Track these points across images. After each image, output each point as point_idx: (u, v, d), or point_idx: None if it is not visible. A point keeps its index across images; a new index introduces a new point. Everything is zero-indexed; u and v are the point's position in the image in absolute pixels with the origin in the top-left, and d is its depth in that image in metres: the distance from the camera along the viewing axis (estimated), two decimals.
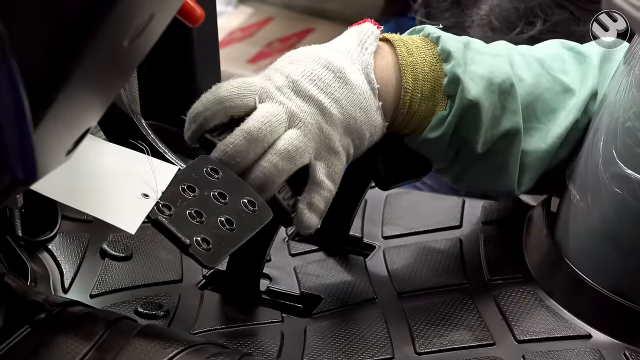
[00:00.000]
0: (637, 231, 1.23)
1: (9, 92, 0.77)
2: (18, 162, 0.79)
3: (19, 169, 0.80)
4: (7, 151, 0.79)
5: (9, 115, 0.78)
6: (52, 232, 1.37)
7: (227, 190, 1.22)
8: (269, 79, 1.24)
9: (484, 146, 1.30)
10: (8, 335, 1.12)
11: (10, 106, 0.77)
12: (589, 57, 1.42)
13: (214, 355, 1.09)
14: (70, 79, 0.87)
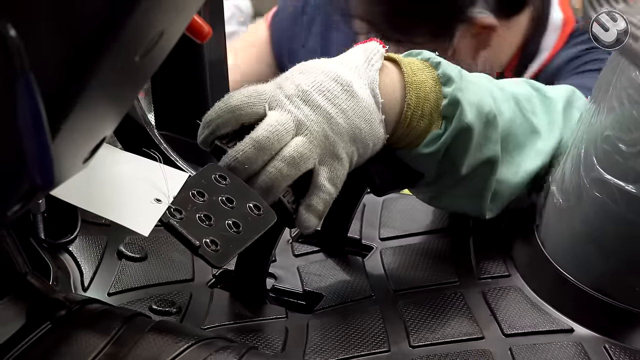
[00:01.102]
0: (617, 233, 1.22)
1: (27, 104, 0.77)
2: (37, 170, 0.79)
3: (38, 176, 0.80)
4: (26, 160, 0.79)
5: (27, 127, 0.77)
6: (72, 235, 1.37)
7: (234, 195, 1.21)
8: (279, 87, 1.24)
9: (467, 169, 1.31)
10: (31, 330, 1.13)
11: (28, 118, 0.77)
12: (554, 102, 1.46)
13: (222, 348, 1.09)
14: (86, 91, 0.87)
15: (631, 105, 1.18)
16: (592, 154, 1.24)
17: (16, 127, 0.78)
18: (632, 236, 1.20)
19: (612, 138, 1.21)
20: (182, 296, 1.31)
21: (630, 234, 1.20)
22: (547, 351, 1.20)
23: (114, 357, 1.08)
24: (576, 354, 1.19)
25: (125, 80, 0.98)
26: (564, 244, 1.30)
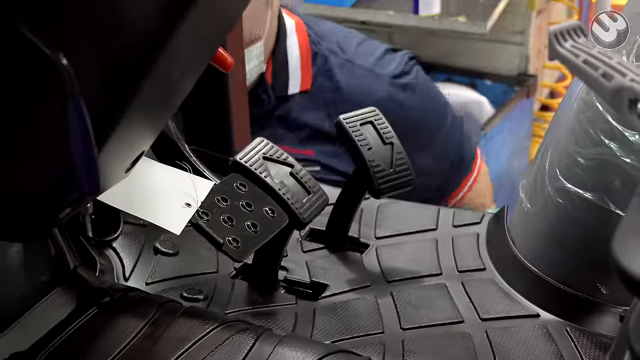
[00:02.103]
0: (578, 234, 1.22)
1: (77, 123, 0.76)
2: (85, 180, 0.79)
3: (86, 185, 0.80)
4: (76, 171, 0.79)
5: (77, 143, 0.77)
6: (115, 234, 1.37)
7: (253, 201, 1.21)
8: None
9: None
10: (80, 314, 1.13)
11: (78, 135, 0.77)
12: None
13: (242, 330, 1.10)
14: (126, 112, 0.87)
15: (588, 125, 1.18)
16: (555, 166, 1.23)
17: (67, 143, 0.78)
18: (590, 237, 1.19)
19: (572, 153, 1.20)
20: (208, 286, 1.31)
21: (589, 236, 1.20)
22: (517, 333, 1.19)
23: (150, 337, 1.09)
24: (542, 335, 1.18)
25: (160, 103, 0.98)
26: (531, 243, 1.30)
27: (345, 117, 1.36)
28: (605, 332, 1.18)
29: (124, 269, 1.33)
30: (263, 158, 1.28)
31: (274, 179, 1.26)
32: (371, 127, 1.37)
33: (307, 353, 1.05)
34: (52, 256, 1.17)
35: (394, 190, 1.36)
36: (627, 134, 1.14)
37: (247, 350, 1.06)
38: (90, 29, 0.79)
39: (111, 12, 0.79)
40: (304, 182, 1.29)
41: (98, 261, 1.29)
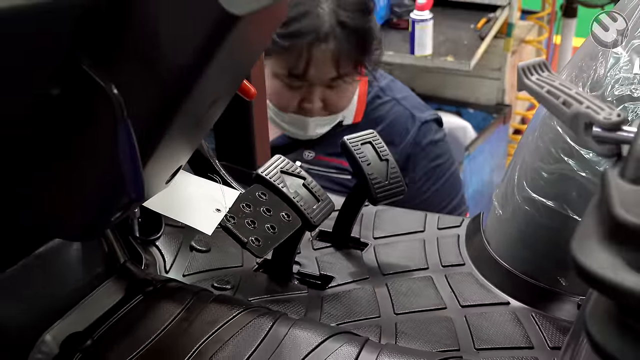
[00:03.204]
0: (541, 237, 1.22)
1: (125, 143, 0.77)
2: (132, 189, 0.80)
3: (133, 193, 0.80)
4: (125, 182, 0.79)
5: (126, 158, 0.78)
6: (158, 234, 1.37)
7: (272, 207, 1.21)
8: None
9: None
10: (128, 301, 1.14)
11: (126, 152, 0.77)
12: None
13: (263, 314, 1.10)
14: (167, 133, 0.87)
15: (550, 144, 1.18)
16: (523, 179, 1.23)
17: (117, 159, 0.78)
18: (552, 238, 1.19)
19: (537, 168, 1.20)
20: (235, 277, 1.30)
21: (551, 237, 1.19)
22: (491, 318, 1.19)
23: (186, 319, 1.09)
24: (511, 320, 1.18)
25: (196, 126, 0.98)
26: (503, 243, 1.29)
27: (348, 138, 1.36)
28: (565, 318, 1.17)
29: (164, 263, 1.33)
30: (280, 172, 1.28)
31: (290, 189, 1.26)
32: (370, 147, 1.37)
33: (317, 333, 1.05)
34: (105, 252, 1.18)
35: (389, 198, 1.36)
36: (583, 152, 1.14)
37: (266, 330, 1.06)
38: (136, 65, 0.79)
39: (153, 51, 0.79)
40: (314, 192, 1.29)
41: (143, 257, 1.29)
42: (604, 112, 0.69)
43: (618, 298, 0.49)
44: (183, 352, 1.03)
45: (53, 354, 1.03)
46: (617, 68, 1.14)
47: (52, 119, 0.83)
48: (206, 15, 0.76)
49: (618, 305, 0.52)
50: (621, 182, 0.53)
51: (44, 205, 0.93)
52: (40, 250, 1.06)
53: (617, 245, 0.50)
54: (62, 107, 0.82)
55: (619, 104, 1.10)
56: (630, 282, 0.48)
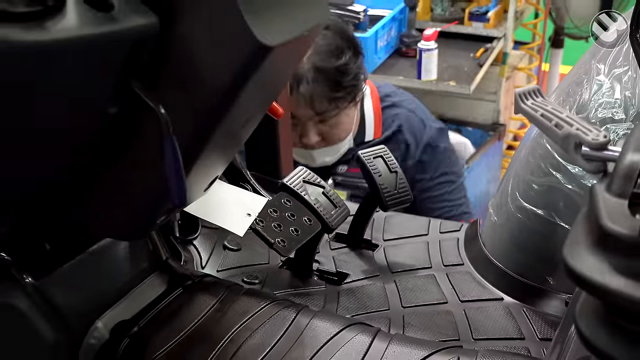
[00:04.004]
0: (532, 241, 1.21)
1: (171, 156, 0.77)
2: (176, 196, 0.80)
3: (177, 199, 0.80)
4: (170, 189, 0.79)
5: (171, 170, 0.78)
6: (195, 234, 1.37)
7: (295, 212, 1.21)
8: None
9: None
10: (169, 293, 1.13)
11: (172, 164, 0.77)
12: None
13: (287, 306, 1.09)
14: (206, 148, 0.87)
15: (540, 160, 1.18)
16: (516, 190, 1.23)
17: (164, 170, 0.78)
18: (541, 242, 1.19)
19: (528, 180, 1.20)
20: (262, 273, 1.30)
21: (540, 241, 1.19)
22: (487, 312, 1.18)
23: (220, 310, 1.09)
24: (505, 313, 1.17)
25: (230, 142, 0.98)
26: (497, 246, 1.29)
27: (362, 152, 1.36)
28: (552, 312, 1.17)
29: (201, 260, 1.33)
30: (303, 181, 1.28)
31: (311, 196, 1.26)
32: (381, 160, 1.37)
33: (334, 324, 1.05)
34: (149, 250, 1.17)
35: (397, 205, 1.36)
36: (569, 167, 1.13)
37: (290, 321, 1.06)
38: (180, 88, 0.79)
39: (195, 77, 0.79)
40: (332, 199, 1.29)
41: (182, 254, 1.29)
42: (592, 133, 0.69)
43: (605, 298, 0.49)
44: (217, 338, 1.02)
45: (104, 339, 1.03)
46: (600, 93, 1.13)
47: (109, 134, 0.84)
48: (242, 46, 0.76)
49: (605, 305, 0.51)
50: (607, 196, 0.53)
51: (99, 208, 0.93)
52: (94, 248, 1.06)
53: (604, 251, 0.50)
54: (117, 124, 0.82)
55: (602, 125, 1.09)
56: (615, 284, 0.47)
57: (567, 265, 0.51)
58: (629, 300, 0.47)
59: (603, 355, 0.50)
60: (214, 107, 0.82)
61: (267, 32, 0.76)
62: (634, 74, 1.11)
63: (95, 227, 0.97)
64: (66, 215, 0.94)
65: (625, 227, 0.49)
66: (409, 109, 2.26)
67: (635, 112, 1.08)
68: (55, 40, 0.66)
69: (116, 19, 0.71)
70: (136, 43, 0.74)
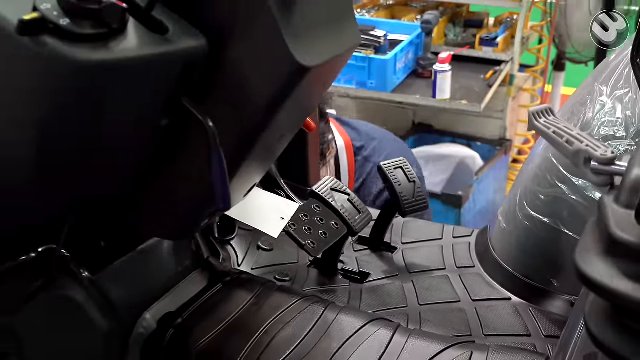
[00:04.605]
0: (538, 246, 1.20)
1: (218, 166, 0.77)
2: (221, 201, 0.80)
3: (221, 204, 0.80)
4: (215, 195, 0.79)
5: (217, 178, 0.78)
6: (233, 235, 1.37)
7: (324, 217, 1.21)
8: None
9: None
10: (210, 289, 1.13)
11: (218, 173, 0.78)
12: None
13: (315, 302, 1.09)
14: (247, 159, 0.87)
15: (546, 172, 1.17)
16: (524, 199, 1.22)
17: (210, 178, 0.79)
18: (546, 248, 1.18)
19: (535, 191, 1.19)
20: (292, 271, 1.30)
21: (545, 247, 1.18)
22: (496, 310, 1.17)
23: (256, 305, 1.09)
24: (513, 312, 1.16)
25: (268, 153, 0.99)
26: (505, 250, 1.28)
27: (384, 163, 1.36)
28: (556, 312, 1.16)
29: (237, 259, 1.33)
30: (330, 189, 1.28)
31: (337, 203, 1.26)
32: (401, 171, 1.37)
33: (359, 319, 1.05)
34: (192, 249, 1.18)
35: (415, 212, 1.36)
36: (574, 180, 1.13)
37: (319, 315, 1.06)
38: (227, 105, 0.80)
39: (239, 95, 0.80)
40: (356, 205, 1.29)
41: (221, 253, 1.29)
42: (601, 149, 0.69)
43: (614, 300, 0.49)
44: (253, 330, 1.03)
45: (152, 329, 1.04)
46: (603, 113, 1.12)
47: (161, 144, 0.84)
48: (283, 67, 0.76)
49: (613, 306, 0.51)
50: (616, 207, 0.53)
51: (150, 212, 0.94)
52: (142, 247, 1.07)
53: (613, 257, 0.49)
54: (169, 136, 0.83)
55: (604, 142, 1.09)
56: (624, 287, 0.47)
57: (579, 270, 0.50)
58: (636, 303, 0.46)
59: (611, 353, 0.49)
60: (256, 122, 0.82)
61: (306, 54, 0.76)
62: (634, 95, 1.10)
63: (146, 228, 0.98)
64: (120, 217, 0.95)
65: (632, 235, 0.49)
66: (378, 162, 2.21)
67: (636, 130, 1.07)
68: (118, 59, 0.66)
69: (171, 41, 0.71)
70: (188, 63, 0.74)
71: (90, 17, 0.64)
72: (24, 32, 0.61)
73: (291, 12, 0.75)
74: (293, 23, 0.75)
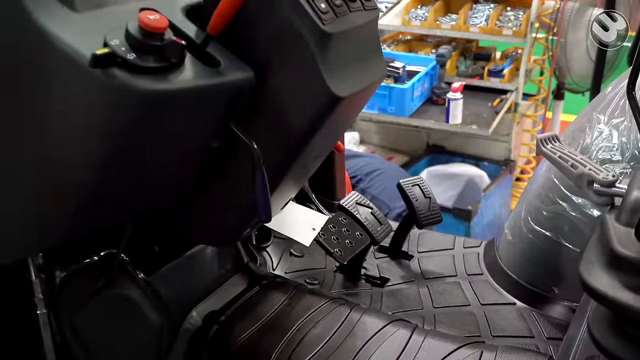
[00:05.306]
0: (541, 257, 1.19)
1: (260, 183, 0.78)
2: (263, 214, 0.80)
3: (264, 217, 0.80)
4: (258, 209, 0.79)
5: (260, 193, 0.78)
6: (268, 242, 1.37)
7: (350, 228, 1.22)
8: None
9: None
10: (249, 290, 1.13)
11: (261, 189, 0.78)
12: None
13: (342, 304, 1.09)
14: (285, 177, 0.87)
15: (548, 191, 1.16)
16: (528, 215, 1.21)
17: (254, 193, 0.79)
18: (548, 258, 1.17)
19: (539, 207, 1.18)
20: (320, 276, 1.30)
21: (547, 257, 1.17)
22: (502, 314, 1.16)
23: (289, 305, 1.09)
24: (517, 316, 1.15)
25: (303, 172, 0.99)
26: (511, 260, 1.27)
27: (403, 181, 1.36)
28: (556, 316, 1.15)
29: (272, 264, 1.33)
30: (355, 203, 1.29)
31: (362, 215, 1.26)
32: (418, 188, 1.37)
33: (380, 319, 1.05)
34: (233, 254, 1.18)
35: (430, 224, 1.36)
36: (574, 198, 1.12)
37: (345, 315, 1.05)
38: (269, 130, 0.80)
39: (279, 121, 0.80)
40: (378, 218, 1.29)
41: (258, 258, 1.30)
42: (602, 173, 0.68)
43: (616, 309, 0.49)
44: (287, 328, 1.03)
45: (197, 325, 1.04)
46: (601, 139, 1.12)
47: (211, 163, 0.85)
48: (320, 97, 0.77)
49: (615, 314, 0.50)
50: (617, 225, 0.53)
51: (199, 222, 0.94)
52: (190, 252, 1.07)
53: (615, 270, 0.49)
54: (218, 156, 0.83)
55: (602, 165, 1.08)
56: (625, 298, 0.47)
57: (584, 281, 0.50)
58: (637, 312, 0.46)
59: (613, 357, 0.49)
60: (294, 146, 0.83)
61: (339, 86, 0.77)
62: (629, 123, 1.09)
63: (195, 236, 0.98)
64: (172, 226, 0.95)
65: (633, 251, 0.49)
66: (373, 195, 2.20)
67: (631, 155, 1.06)
68: (177, 89, 0.67)
69: (222, 73, 0.72)
70: (236, 92, 0.75)
71: (154, 53, 0.65)
72: (97, 65, 0.62)
73: (327, 49, 0.75)
74: (329, 59, 0.76)
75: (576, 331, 0.75)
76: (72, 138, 0.69)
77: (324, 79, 0.75)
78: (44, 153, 0.71)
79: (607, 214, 0.56)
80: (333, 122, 0.82)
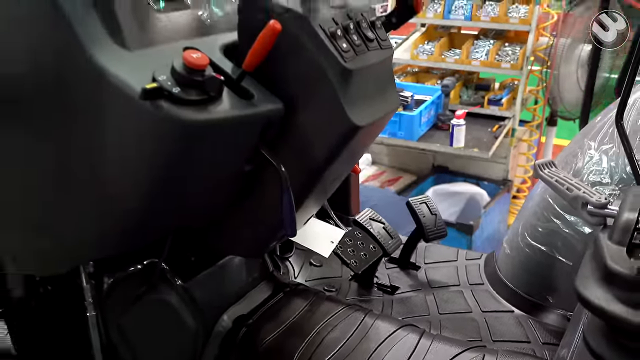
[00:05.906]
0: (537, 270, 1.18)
1: (287, 203, 0.78)
2: (289, 229, 0.80)
3: (289, 231, 0.80)
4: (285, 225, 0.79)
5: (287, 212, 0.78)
6: (290, 253, 1.38)
7: (364, 241, 1.22)
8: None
9: None
10: (273, 297, 1.13)
11: (287, 208, 0.78)
12: None
13: (357, 309, 1.08)
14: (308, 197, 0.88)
15: (543, 210, 1.16)
16: (525, 230, 1.21)
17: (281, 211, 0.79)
18: (543, 270, 1.16)
19: (535, 224, 1.18)
20: (337, 284, 1.30)
21: (543, 270, 1.16)
22: (501, 320, 1.16)
23: (310, 310, 1.09)
24: (515, 322, 1.15)
25: (324, 192, 0.99)
26: (509, 271, 1.26)
27: (412, 199, 1.36)
28: (551, 324, 1.14)
29: (294, 273, 1.33)
30: (369, 218, 1.29)
31: (375, 230, 1.26)
32: (425, 205, 1.37)
33: (392, 324, 1.04)
34: (260, 264, 1.18)
35: (436, 238, 1.35)
36: (567, 216, 1.11)
37: (360, 320, 1.05)
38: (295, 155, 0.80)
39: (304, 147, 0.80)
40: (390, 232, 1.29)
41: (282, 268, 1.30)
42: (595, 196, 0.68)
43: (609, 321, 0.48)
44: (307, 331, 1.03)
45: (228, 328, 1.04)
46: (591, 163, 1.11)
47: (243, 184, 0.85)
48: (341, 127, 0.77)
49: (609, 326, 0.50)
50: (609, 243, 0.53)
51: (231, 236, 0.94)
52: (222, 261, 1.07)
53: (608, 284, 0.49)
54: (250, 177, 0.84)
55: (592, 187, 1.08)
56: (619, 311, 0.47)
57: (580, 295, 0.50)
58: (629, 324, 0.46)
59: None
60: (317, 169, 0.83)
61: (359, 116, 0.77)
62: (617, 149, 1.09)
63: (228, 248, 0.99)
64: (206, 239, 0.96)
65: (624, 267, 0.49)
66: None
67: (619, 178, 1.06)
68: (216, 119, 0.68)
69: (255, 105, 0.73)
70: (267, 122, 0.76)
71: (196, 87, 0.66)
72: (146, 98, 0.63)
73: (348, 84, 0.76)
74: (350, 92, 0.76)
75: (571, 338, 0.75)
76: (124, 171, 0.70)
77: (344, 111, 0.76)
78: (101, 189, 0.72)
79: (600, 233, 0.56)
80: (352, 149, 0.82)
